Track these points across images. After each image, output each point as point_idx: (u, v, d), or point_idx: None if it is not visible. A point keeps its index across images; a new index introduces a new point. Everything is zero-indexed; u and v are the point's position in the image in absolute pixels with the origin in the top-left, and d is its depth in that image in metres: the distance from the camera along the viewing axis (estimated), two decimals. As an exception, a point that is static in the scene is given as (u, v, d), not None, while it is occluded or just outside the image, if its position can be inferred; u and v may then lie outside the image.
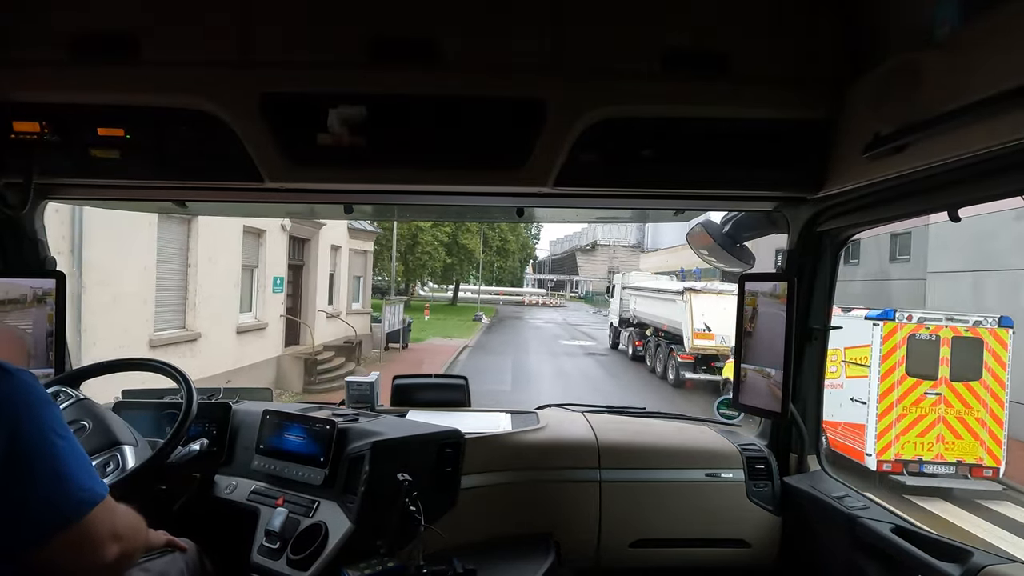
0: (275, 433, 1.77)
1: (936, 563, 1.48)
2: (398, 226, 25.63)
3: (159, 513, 1.40)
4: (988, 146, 1.11)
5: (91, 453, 1.34)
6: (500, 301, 48.73)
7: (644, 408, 2.70)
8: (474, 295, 43.15)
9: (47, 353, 1.88)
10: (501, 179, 1.61)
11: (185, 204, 2.03)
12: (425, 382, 2.51)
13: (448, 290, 44.97)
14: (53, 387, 1.59)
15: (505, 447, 2.06)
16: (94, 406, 1.60)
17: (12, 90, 1.51)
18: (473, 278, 41.17)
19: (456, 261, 36.94)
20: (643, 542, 2.05)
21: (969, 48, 1.12)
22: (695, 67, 1.50)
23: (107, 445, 1.49)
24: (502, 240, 40.07)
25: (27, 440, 0.91)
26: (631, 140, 1.58)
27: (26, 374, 0.97)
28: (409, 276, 35.59)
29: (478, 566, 1.47)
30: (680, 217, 2.14)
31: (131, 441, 1.53)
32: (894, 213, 1.65)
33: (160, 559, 1.35)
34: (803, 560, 2.01)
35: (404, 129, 1.56)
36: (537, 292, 54.16)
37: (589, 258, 59.45)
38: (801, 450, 2.11)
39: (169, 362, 1.70)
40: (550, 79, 1.50)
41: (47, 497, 0.92)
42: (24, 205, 1.61)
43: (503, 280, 50.30)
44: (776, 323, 1.90)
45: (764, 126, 1.57)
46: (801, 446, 2.11)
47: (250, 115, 1.50)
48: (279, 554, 1.54)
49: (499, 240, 39.91)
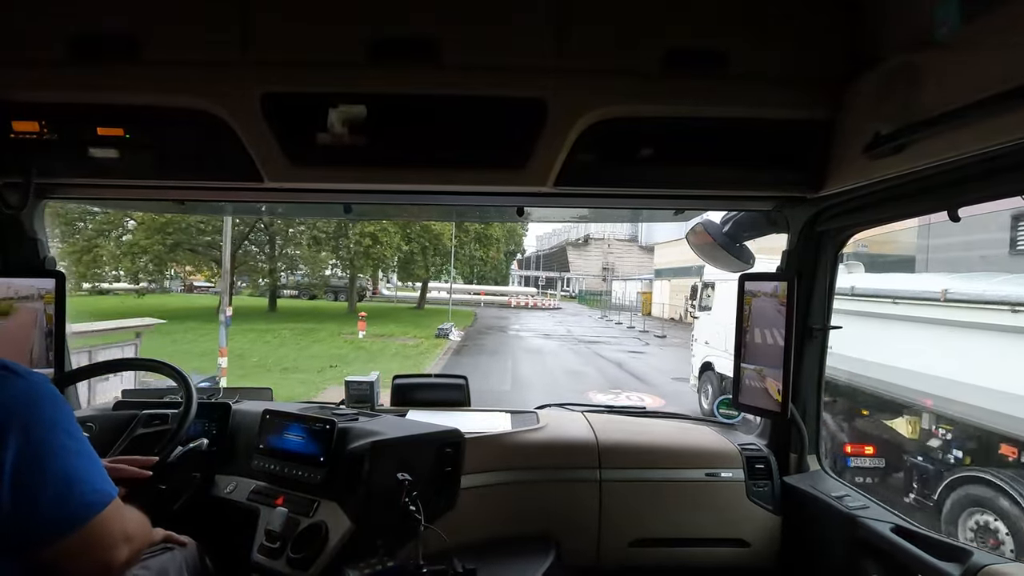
0: (275, 433, 1.77)
1: (936, 563, 1.48)
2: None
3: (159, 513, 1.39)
4: (988, 146, 1.11)
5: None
6: (480, 303, 38.93)
7: (644, 408, 2.70)
8: (457, 295, 33.27)
9: (47, 353, 1.88)
10: (501, 179, 1.61)
11: (184, 204, 2.03)
12: (425, 382, 2.51)
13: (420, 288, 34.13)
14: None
15: (505, 447, 2.06)
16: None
17: (12, 90, 1.51)
18: (446, 273, 31.24)
19: (418, 250, 26.36)
20: (643, 542, 2.06)
21: (969, 48, 1.12)
22: (695, 67, 1.50)
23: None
24: (483, 224, 29.40)
25: (38, 441, 0.92)
26: (631, 140, 1.58)
27: (38, 375, 0.97)
28: (351, 268, 26.93)
29: (478, 566, 1.47)
30: (680, 217, 2.14)
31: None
32: (894, 213, 1.66)
33: (160, 556, 1.35)
34: (803, 560, 2.01)
35: (404, 129, 1.56)
36: (526, 292, 44.82)
37: (581, 253, 54.20)
38: (801, 450, 2.12)
39: (169, 362, 1.70)
40: (550, 79, 1.50)
41: (58, 497, 0.92)
42: (24, 205, 1.61)
43: (486, 277, 40.78)
44: (776, 323, 1.90)
45: (764, 126, 1.57)
46: (801, 446, 2.11)
47: (250, 115, 1.50)
48: (279, 554, 1.54)
49: (479, 224, 29.32)
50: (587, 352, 17.98)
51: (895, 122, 1.27)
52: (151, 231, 21.85)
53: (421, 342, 18.65)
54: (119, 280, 25.67)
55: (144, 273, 23.91)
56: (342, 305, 30.45)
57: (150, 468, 1.46)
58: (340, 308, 29.51)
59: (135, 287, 25.71)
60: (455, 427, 1.82)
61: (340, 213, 2.09)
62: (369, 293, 38.03)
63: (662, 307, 33.76)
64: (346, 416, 1.82)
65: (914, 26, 1.26)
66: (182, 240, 22.66)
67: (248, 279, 28.09)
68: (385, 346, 17.46)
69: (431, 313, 28.83)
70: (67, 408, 0.99)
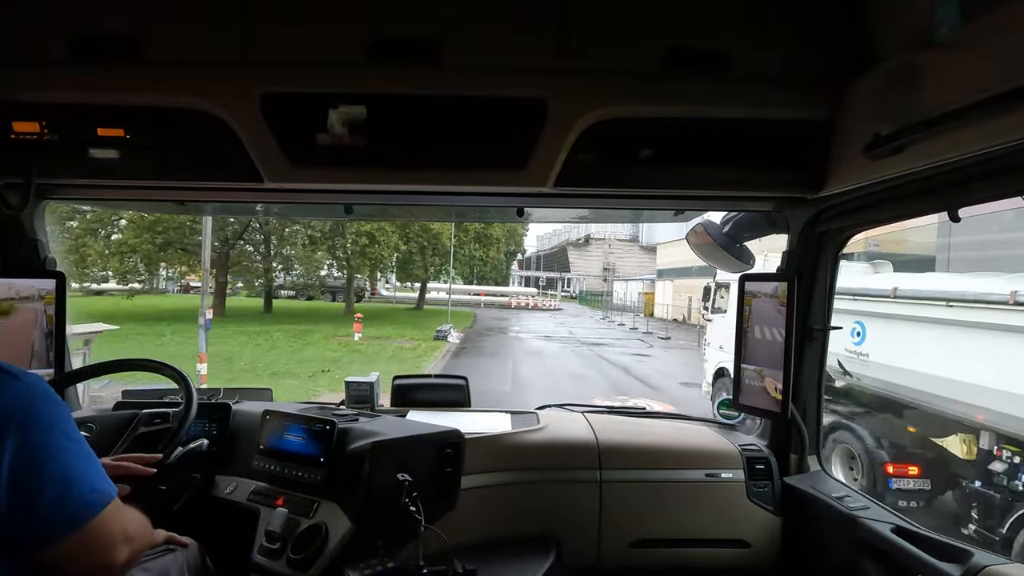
0: (275, 433, 1.77)
1: (936, 563, 1.48)
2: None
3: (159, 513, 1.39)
4: (988, 146, 1.11)
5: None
6: (480, 303, 38.76)
7: (644, 408, 2.70)
8: (457, 296, 33.00)
9: (47, 354, 1.88)
10: (501, 179, 1.61)
11: (185, 204, 2.04)
12: (425, 382, 2.50)
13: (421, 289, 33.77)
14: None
15: (505, 447, 2.06)
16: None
17: (12, 90, 1.51)
18: (445, 273, 31.15)
19: (416, 250, 26.45)
20: (643, 542, 2.05)
21: (969, 48, 1.12)
22: (695, 67, 1.50)
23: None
24: (483, 224, 29.20)
25: (36, 442, 0.92)
26: (631, 140, 1.58)
27: (34, 376, 0.97)
28: (348, 269, 26.34)
29: (478, 566, 1.47)
30: (680, 217, 2.14)
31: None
32: (894, 213, 1.66)
33: (161, 558, 1.35)
34: (803, 560, 2.00)
35: (404, 129, 1.56)
36: (526, 292, 44.68)
37: (582, 253, 54.79)
38: (801, 450, 2.12)
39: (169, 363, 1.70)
40: (551, 79, 1.50)
41: (56, 498, 0.92)
42: (24, 205, 1.61)
43: (486, 277, 41.21)
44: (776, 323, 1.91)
45: (764, 126, 1.57)
46: (801, 446, 2.11)
47: (250, 115, 1.50)
48: (279, 554, 1.53)
49: (479, 224, 29.13)
50: (590, 355, 17.47)
51: (895, 122, 1.27)
52: (140, 230, 21.07)
53: (419, 344, 18.15)
54: (107, 280, 24.52)
55: (133, 273, 23.10)
56: (339, 306, 30.07)
57: (153, 466, 1.46)
58: (337, 309, 29.09)
59: (124, 288, 24.77)
60: (455, 428, 1.82)
61: (340, 214, 2.09)
62: (368, 294, 37.48)
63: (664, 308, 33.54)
64: (346, 417, 1.82)
65: (914, 26, 1.26)
66: (173, 239, 21.93)
67: (244, 279, 27.52)
68: (381, 349, 16.90)
69: (430, 314, 28.39)
70: (65, 409, 0.99)
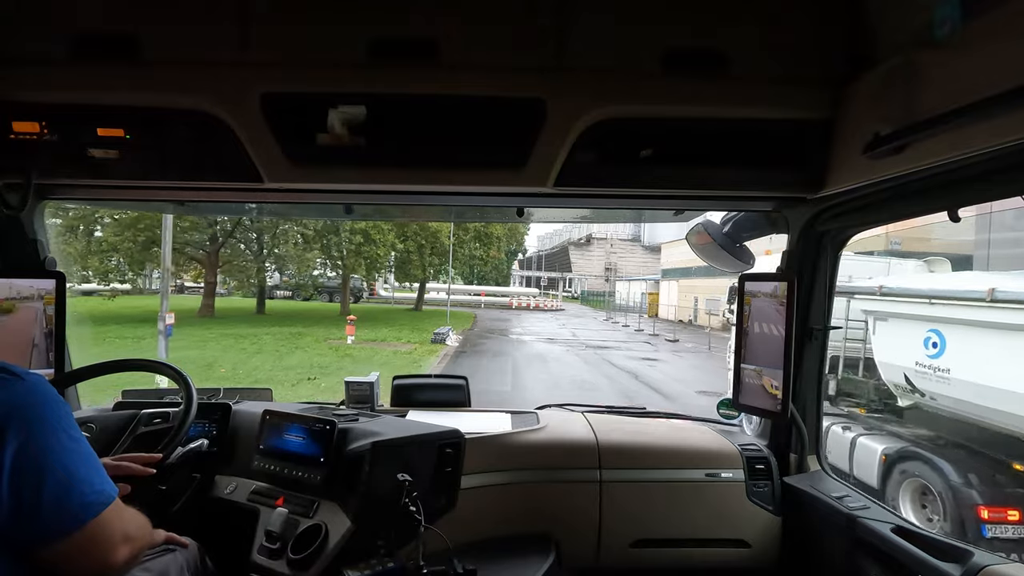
0: (275, 433, 1.77)
1: (936, 563, 1.48)
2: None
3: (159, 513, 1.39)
4: (988, 146, 1.11)
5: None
6: (481, 304, 37.86)
7: (644, 408, 2.70)
8: (456, 296, 32.47)
9: (47, 354, 1.89)
10: (501, 179, 1.61)
11: (184, 204, 2.04)
12: (425, 382, 2.51)
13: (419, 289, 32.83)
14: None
15: (505, 447, 2.06)
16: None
17: (12, 90, 1.51)
18: (444, 273, 30.82)
19: (414, 248, 26.02)
20: (643, 542, 2.05)
21: (969, 48, 1.12)
22: (695, 67, 1.50)
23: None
24: (483, 223, 28.43)
25: (37, 442, 0.92)
26: (631, 140, 1.58)
27: (36, 376, 0.98)
28: (343, 268, 25.80)
29: (478, 566, 1.47)
30: (680, 217, 2.14)
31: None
32: (894, 213, 1.66)
33: (161, 558, 1.35)
34: (803, 560, 2.00)
35: (404, 129, 1.56)
36: (527, 292, 43.76)
37: (583, 253, 54.94)
38: (801, 450, 2.12)
39: (169, 363, 1.70)
40: (550, 79, 1.50)
41: (57, 498, 0.93)
42: (24, 205, 1.61)
43: (486, 277, 40.86)
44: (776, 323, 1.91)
45: (764, 126, 1.57)
46: (801, 446, 2.11)
47: (250, 115, 1.50)
48: (279, 554, 1.53)
49: (479, 223, 28.38)
50: (596, 359, 16.67)
51: (895, 122, 1.27)
52: (121, 228, 19.86)
53: (415, 348, 17.27)
54: (90, 280, 23.30)
55: (116, 273, 21.86)
56: (335, 307, 29.51)
57: (153, 466, 1.46)
58: (333, 310, 28.46)
59: (106, 288, 23.73)
60: (455, 427, 1.82)
61: (340, 213, 2.09)
62: (366, 294, 36.91)
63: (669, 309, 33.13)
64: (346, 416, 1.82)
65: (914, 26, 1.26)
66: (157, 238, 20.07)
67: (237, 279, 26.52)
68: (374, 353, 16.02)
69: (429, 315, 27.76)
70: (66, 409, 0.99)
